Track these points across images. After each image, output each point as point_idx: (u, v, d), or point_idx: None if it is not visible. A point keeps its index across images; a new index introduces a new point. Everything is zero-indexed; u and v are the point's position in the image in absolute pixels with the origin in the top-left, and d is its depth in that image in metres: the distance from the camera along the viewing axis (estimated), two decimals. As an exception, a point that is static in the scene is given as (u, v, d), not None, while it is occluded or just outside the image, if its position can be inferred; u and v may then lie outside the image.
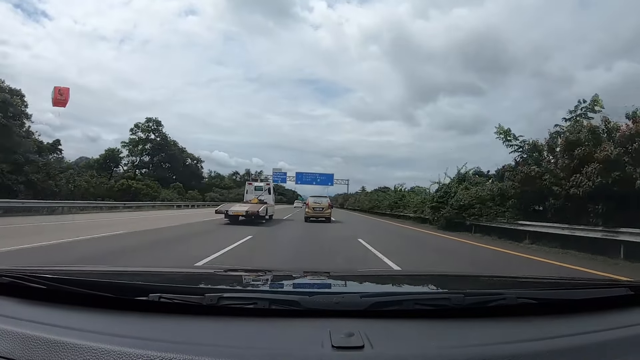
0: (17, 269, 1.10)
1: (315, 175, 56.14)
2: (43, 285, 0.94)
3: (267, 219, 15.75)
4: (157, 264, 5.14)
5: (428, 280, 1.67)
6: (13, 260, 5.46)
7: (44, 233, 8.96)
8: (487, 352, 0.75)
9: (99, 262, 4.97)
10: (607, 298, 1.05)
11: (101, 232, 9.62)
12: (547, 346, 0.78)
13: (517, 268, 6.92)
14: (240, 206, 15.40)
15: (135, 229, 11.14)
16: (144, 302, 0.90)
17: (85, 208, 21.51)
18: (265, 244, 9.35)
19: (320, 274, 1.69)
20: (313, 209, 17.86)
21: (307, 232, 12.67)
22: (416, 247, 10.08)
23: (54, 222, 12.73)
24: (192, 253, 6.90)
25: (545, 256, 8.24)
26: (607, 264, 7.32)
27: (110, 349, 0.70)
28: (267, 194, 18.64)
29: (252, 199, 17.94)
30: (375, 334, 0.79)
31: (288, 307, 0.91)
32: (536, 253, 8.83)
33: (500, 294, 1.01)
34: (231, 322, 0.87)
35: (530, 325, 0.90)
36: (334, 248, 8.55)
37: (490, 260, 7.90)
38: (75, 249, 7.01)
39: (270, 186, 19.83)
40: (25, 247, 6.61)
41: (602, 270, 6.29)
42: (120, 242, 8.15)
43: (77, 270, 1.49)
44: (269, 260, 6.78)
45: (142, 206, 28.58)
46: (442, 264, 7.07)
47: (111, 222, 13.47)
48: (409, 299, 0.99)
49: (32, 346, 0.73)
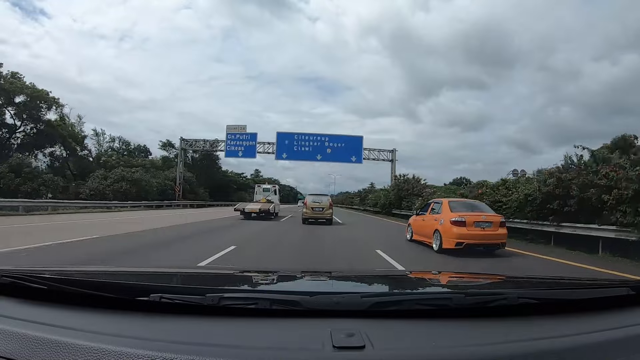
0: (18, 269, 1.11)
1: (319, 140, 33.14)
2: (44, 285, 0.95)
3: (275, 215, 19.07)
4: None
5: (429, 280, 1.68)
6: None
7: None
8: (489, 352, 0.76)
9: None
10: (608, 298, 1.06)
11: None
12: (548, 346, 0.78)
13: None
14: (254, 205, 18.73)
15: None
16: (145, 303, 0.90)
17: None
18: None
19: (321, 274, 1.72)
20: (312, 209, 16.25)
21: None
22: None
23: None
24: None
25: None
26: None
27: (112, 349, 0.71)
28: (273, 194, 21.92)
29: (261, 199, 20.96)
30: (376, 334, 0.79)
31: (289, 307, 0.91)
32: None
33: (501, 294, 1.03)
34: (232, 322, 0.87)
35: (531, 325, 0.91)
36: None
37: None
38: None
39: (276, 188, 23.30)
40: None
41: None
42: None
43: (78, 270, 1.52)
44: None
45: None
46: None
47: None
48: (409, 299, 1.03)
49: (33, 346, 0.73)
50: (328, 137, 34.72)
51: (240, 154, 36.15)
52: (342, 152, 34.04)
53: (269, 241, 9.75)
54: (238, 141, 36.00)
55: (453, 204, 8.34)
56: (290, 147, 33.98)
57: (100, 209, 23.35)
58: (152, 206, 29.85)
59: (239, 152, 36.12)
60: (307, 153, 34.29)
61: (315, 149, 34.15)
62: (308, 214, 16.18)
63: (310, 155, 34.39)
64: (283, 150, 34.59)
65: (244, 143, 35.79)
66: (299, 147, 33.98)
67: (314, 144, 34.26)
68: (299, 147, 33.98)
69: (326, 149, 34.10)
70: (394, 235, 11.74)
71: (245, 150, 35.81)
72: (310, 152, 34.15)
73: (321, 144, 34.22)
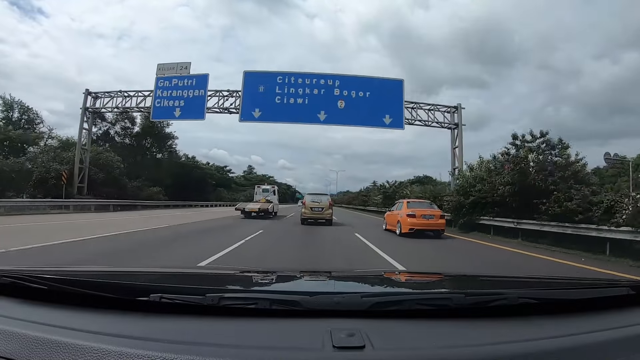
0: (18, 269, 1.11)
1: (324, 86, 19.15)
2: (44, 285, 0.95)
3: (274, 214, 19.74)
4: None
5: (429, 281, 1.70)
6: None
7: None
8: (488, 352, 0.76)
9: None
10: (608, 298, 1.05)
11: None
12: (549, 346, 0.78)
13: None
14: (254, 205, 19.31)
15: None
16: (145, 303, 0.90)
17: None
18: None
19: (321, 274, 1.72)
20: (311, 209, 15.43)
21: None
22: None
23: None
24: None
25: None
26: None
27: (111, 349, 0.71)
28: (272, 194, 22.49)
29: (261, 199, 21.43)
30: (376, 334, 0.79)
31: (289, 307, 0.91)
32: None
33: (501, 294, 1.02)
34: (232, 322, 0.87)
35: (532, 325, 0.91)
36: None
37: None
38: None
39: (275, 189, 23.81)
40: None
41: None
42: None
43: (78, 270, 1.53)
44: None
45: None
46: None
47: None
48: (409, 299, 1.02)
49: (33, 346, 0.73)
50: (340, 81, 18.60)
51: (177, 114, 19.50)
52: (366, 107, 19.32)
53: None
54: (175, 90, 19.40)
55: (409, 203, 12.47)
56: (268, 99, 17.86)
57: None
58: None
59: (175, 109, 19.36)
60: (299, 110, 18.25)
61: (316, 101, 19.80)
62: (307, 214, 15.43)
63: (307, 114, 18.12)
64: (254, 104, 18.05)
65: (186, 94, 19.09)
66: (284, 99, 17.78)
67: (313, 92, 18.04)
68: (284, 99, 17.78)
69: (336, 101, 18.34)
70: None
71: (187, 106, 19.17)
72: (307, 107, 18.41)
73: (328, 93, 18.60)
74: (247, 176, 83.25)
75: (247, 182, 72.57)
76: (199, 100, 19.73)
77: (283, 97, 18.94)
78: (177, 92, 20.36)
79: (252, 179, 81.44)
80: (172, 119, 20.35)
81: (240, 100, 19.32)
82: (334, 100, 18.86)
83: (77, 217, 15.48)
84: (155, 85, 20.85)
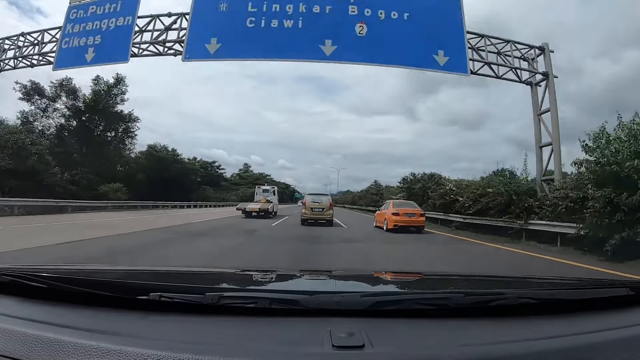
0: (18, 267, 1.11)
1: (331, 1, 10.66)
2: (43, 284, 0.95)
3: (274, 214, 20.30)
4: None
5: (428, 280, 1.68)
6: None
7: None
8: (488, 351, 0.75)
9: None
10: (608, 298, 1.05)
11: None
12: (549, 346, 0.78)
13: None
14: (254, 205, 20.08)
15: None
16: (145, 301, 0.90)
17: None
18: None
19: (321, 274, 1.74)
20: (311, 209, 15.21)
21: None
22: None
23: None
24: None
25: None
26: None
27: (111, 347, 0.70)
28: (272, 195, 23.42)
29: (261, 199, 22.13)
30: (376, 333, 0.79)
31: (289, 307, 0.91)
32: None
33: (500, 294, 1.02)
34: (232, 321, 0.87)
35: (531, 325, 0.90)
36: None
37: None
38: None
39: (275, 189, 24.93)
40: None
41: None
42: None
43: (78, 269, 1.52)
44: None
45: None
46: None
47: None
48: (409, 299, 1.02)
49: (33, 345, 0.73)
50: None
51: (89, 57, 11.39)
52: (403, 35, 11.21)
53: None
54: (92, 22, 11.38)
55: (394, 203, 14.15)
56: (235, 21, 9.32)
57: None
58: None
59: (88, 49, 11.17)
60: (287, 37, 9.87)
61: (318, 23, 11.53)
62: (307, 214, 15.24)
63: (301, 44, 9.67)
64: (210, 30, 9.62)
65: (105, 25, 10.84)
66: (260, 21, 9.32)
67: (313, 8, 9.56)
68: (260, 21, 9.32)
69: (354, 23, 9.43)
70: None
71: (104, 43, 10.96)
72: (302, 32, 10.89)
73: (338, 10, 9.93)
74: (243, 174, 75.87)
75: (242, 181, 66.09)
76: (122, 31, 11.81)
77: (260, 17, 10.83)
78: (94, 25, 12.55)
79: (248, 177, 73.19)
80: (82, 65, 12.74)
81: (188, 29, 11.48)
82: (349, 23, 10.78)
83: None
84: (65, 19, 13.09)
